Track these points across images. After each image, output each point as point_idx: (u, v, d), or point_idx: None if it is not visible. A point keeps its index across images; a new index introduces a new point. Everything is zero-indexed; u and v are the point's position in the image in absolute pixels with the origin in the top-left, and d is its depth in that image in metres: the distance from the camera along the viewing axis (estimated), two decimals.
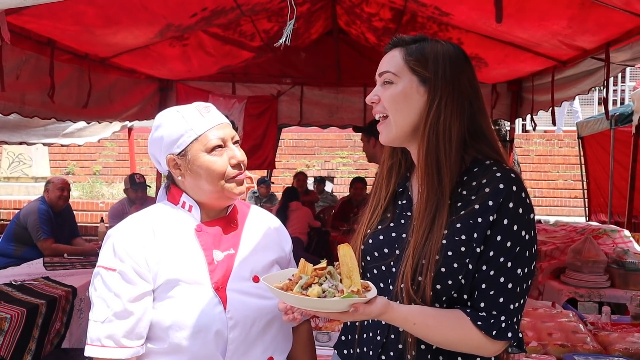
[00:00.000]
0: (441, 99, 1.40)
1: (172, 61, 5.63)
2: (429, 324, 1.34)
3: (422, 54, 1.43)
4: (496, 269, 1.34)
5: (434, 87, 1.40)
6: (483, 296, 1.35)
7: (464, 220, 1.36)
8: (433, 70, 1.41)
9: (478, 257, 1.35)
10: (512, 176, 1.38)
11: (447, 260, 1.35)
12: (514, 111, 6.59)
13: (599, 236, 4.67)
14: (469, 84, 1.43)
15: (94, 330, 1.47)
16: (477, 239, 1.35)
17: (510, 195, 1.35)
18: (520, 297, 1.37)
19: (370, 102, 1.49)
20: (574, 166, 11.96)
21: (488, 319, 1.34)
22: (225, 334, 1.51)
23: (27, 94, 4.00)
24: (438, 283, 1.36)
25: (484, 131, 1.45)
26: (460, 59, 1.44)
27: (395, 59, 1.45)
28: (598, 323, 2.82)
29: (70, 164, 14.46)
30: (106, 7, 3.80)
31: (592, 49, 4.23)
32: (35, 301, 3.53)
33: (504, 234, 1.34)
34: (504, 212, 1.34)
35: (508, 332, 1.35)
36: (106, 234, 1.58)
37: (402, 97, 1.42)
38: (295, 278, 1.33)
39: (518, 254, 1.35)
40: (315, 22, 5.84)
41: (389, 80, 1.44)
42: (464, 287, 1.37)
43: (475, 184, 1.39)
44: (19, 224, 5.34)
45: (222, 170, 1.55)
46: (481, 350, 1.37)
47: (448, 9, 4.37)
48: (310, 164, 14.44)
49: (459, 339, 1.35)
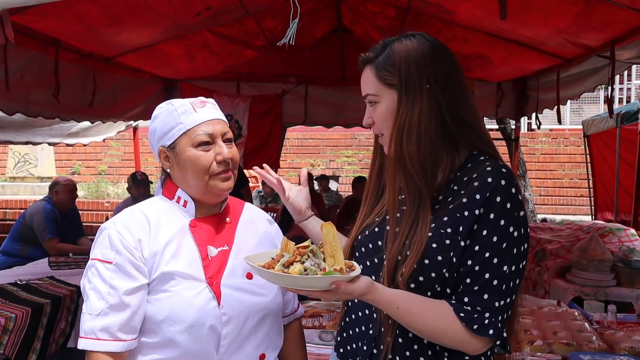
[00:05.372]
0: (408, 99, 1.39)
1: (176, 60, 5.63)
2: (413, 311, 1.32)
3: (388, 63, 1.42)
4: (481, 264, 1.32)
5: (402, 90, 1.40)
6: (467, 290, 1.34)
7: (451, 214, 1.36)
8: (398, 74, 1.40)
9: (463, 251, 1.33)
10: (503, 171, 1.36)
11: (430, 252, 1.34)
12: (519, 109, 6.57)
13: (605, 235, 4.65)
14: (441, 76, 1.40)
15: (88, 322, 1.46)
16: (463, 233, 1.33)
17: (498, 189, 1.33)
18: (506, 295, 1.34)
19: (367, 125, 1.51)
20: (580, 164, 11.92)
21: (471, 312, 1.33)
22: (218, 330, 1.51)
23: (32, 93, 4.01)
24: (421, 275, 1.34)
25: (465, 119, 1.42)
26: (426, 52, 1.40)
27: (370, 79, 1.46)
28: (604, 322, 2.80)
29: (76, 163, 14.49)
30: (111, 7, 3.80)
31: (597, 47, 4.21)
32: (40, 300, 3.53)
33: (491, 229, 1.32)
34: (491, 206, 1.32)
35: (490, 329, 1.32)
36: (100, 227, 1.57)
37: (388, 114, 1.43)
38: (278, 256, 1.32)
39: (505, 250, 1.32)
40: (319, 20, 5.83)
41: (373, 101, 1.46)
42: (447, 281, 1.35)
43: (466, 178, 1.39)
44: (25, 223, 5.35)
45: (206, 165, 1.55)
46: (463, 345, 1.34)
47: (451, 7, 4.35)
48: (315, 163, 14.43)
49: (441, 330, 1.33)
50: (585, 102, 15.43)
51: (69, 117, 4.95)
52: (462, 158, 1.44)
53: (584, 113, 15.09)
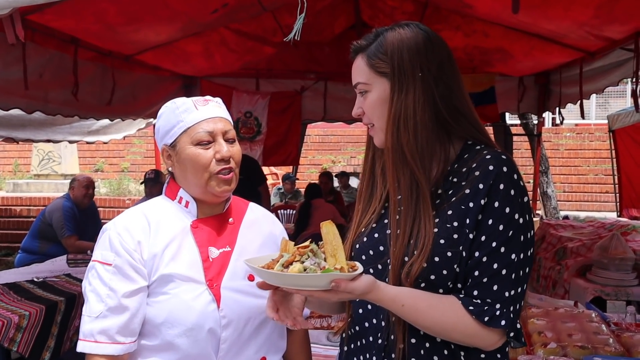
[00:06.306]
0: (401, 87, 1.35)
1: (194, 58, 5.65)
2: (419, 307, 1.29)
3: (381, 51, 1.38)
4: (488, 255, 1.28)
5: (394, 79, 1.36)
6: (476, 283, 1.30)
7: (455, 207, 1.32)
8: (390, 62, 1.36)
9: (471, 243, 1.30)
10: (503, 158, 1.33)
11: (439, 249, 1.30)
12: (541, 104, 6.48)
13: (627, 232, 4.55)
14: (434, 65, 1.36)
15: (87, 325, 1.46)
16: (470, 225, 1.30)
17: (501, 177, 1.30)
18: (517, 284, 1.30)
19: (357, 115, 1.46)
20: (605, 160, 11.69)
21: (481, 305, 1.29)
22: (218, 333, 1.50)
23: (51, 92, 4.05)
24: (432, 273, 1.30)
25: (459, 108, 1.38)
26: (419, 41, 1.37)
27: (361, 67, 1.42)
28: (622, 323, 2.72)
29: (99, 161, 14.67)
30: (127, 5, 3.82)
31: (621, 39, 4.12)
32: (54, 298, 3.57)
33: (496, 217, 1.29)
34: (495, 194, 1.29)
35: (502, 320, 1.28)
36: (102, 228, 1.56)
37: (379, 103, 1.39)
38: (277, 257, 1.30)
39: (511, 238, 1.29)
40: (338, 16, 5.80)
41: (364, 90, 1.42)
42: (459, 277, 1.31)
43: (465, 169, 1.35)
44: (44, 220, 5.42)
45: (205, 163, 1.52)
46: (476, 339, 1.31)
47: (470, 1, 4.30)
48: (337, 160, 14.41)
49: (450, 325, 1.30)
50: (611, 96, 15.16)
51: (88, 115, 4.99)
52: (457, 149, 1.40)
53: (610, 107, 14.83)
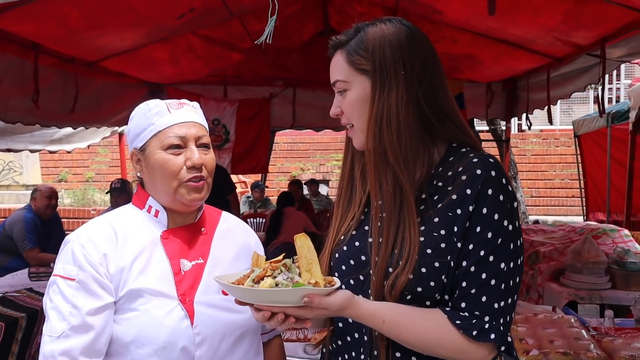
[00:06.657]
0: (383, 86, 1.28)
1: (161, 64, 5.54)
2: (401, 323, 1.22)
3: (361, 47, 1.31)
4: (477, 264, 1.22)
5: (376, 76, 1.29)
6: (463, 295, 1.23)
7: (442, 214, 1.25)
8: (372, 59, 1.29)
9: (458, 253, 1.23)
10: (491, 161, 1.27)
11: (426, 259, 1.23)
12: (509, 110, 6.52)
13: (599, 236, 4.58)
14: (418, 63, 1.29)
15: (48, 345, 1.34)
16: (458, 233, 1.23)
17: (489, 181, 1.23)
18: (507, 295, 1.23)
19: (335, 115, 1.39)
20: (571, 165, 11.92)
21: (469, 319, 1.22)
22: (191, 351, 1.40)
23: (10, 99, 3.89)
24: (419, 286, 1.23)
25: (444, 109, 1.32)
26: (402, 37, 1.30)
27: (340, 64, 1.34)
28: (601, 328, 2.71)
29: (63, 170, 14.33)
30: (91, 9, 3.70)
31: (587, 45, 4.16)
32: (15, 314, 3.39)
33: (484, 224, 1.22)
34: (483, 200, 1.22)
35: (491, 334, 1.21)
36: (65, 239, 1.45)
37: (359, 102, 1.32)
38: (249, 272, 1.23)
39: (500, 246, 1.22)
40: (307, 22, 5.76)
41: (342, 89, 1.35)
42: (446, 288, 1.25)
43: (451, 173, 1.28)
44: (5, 233, 5.23)
45: (174, 170, 1.44)
46: (462, 355, 1.23)
47: (440, 7, 4.30)
48: (305, 167, 14.36)
49: (435, 341, 1.23)
50: (575, 102, 15.46)
51: (50, 124, 4.82)
52: (441, 151, 1.33)
53: (573, 113, 15.11)
